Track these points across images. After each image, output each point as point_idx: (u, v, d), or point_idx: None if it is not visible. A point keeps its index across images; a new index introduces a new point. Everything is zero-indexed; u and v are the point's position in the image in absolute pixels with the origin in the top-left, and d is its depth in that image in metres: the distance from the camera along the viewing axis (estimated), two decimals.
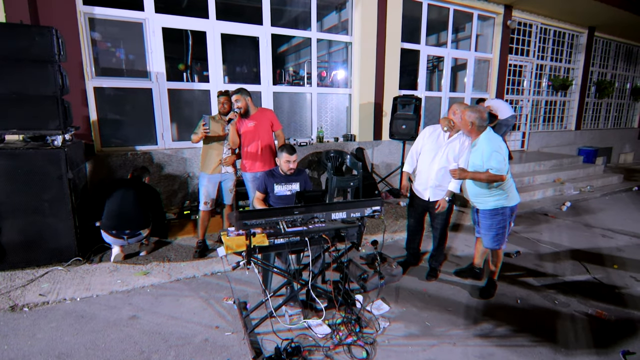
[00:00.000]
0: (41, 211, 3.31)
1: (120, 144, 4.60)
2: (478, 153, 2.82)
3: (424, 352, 2.39)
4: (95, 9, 4.19)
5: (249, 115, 3.72)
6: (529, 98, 8.59)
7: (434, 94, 7.17)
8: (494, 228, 2.98)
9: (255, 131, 3.71)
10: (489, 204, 2.96)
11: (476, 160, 2.84)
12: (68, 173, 3.32)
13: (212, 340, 2.45)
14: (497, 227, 2.97)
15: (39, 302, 2.83)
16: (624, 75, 10.93)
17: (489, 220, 2.99)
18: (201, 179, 3.81)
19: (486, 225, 3.03)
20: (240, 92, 3.67)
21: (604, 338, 2.59)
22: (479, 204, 3.05)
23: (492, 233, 3.00)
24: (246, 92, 3.70)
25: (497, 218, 2.95)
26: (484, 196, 2.97)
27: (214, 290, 3.11)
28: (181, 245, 4.03)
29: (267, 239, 2.30)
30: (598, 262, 3.86)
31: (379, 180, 6.23)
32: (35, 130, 3.30)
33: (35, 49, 3.13)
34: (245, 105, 3.65)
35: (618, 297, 3.15)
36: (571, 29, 8.79)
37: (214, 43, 4.88)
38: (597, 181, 7.38)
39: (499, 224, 2.96)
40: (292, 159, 3.17)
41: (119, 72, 4.63)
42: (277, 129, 3.86)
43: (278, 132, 3.88)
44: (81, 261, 3.49)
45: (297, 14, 6.00)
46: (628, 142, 11.28)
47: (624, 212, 5.83)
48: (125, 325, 2.60)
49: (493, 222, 2.97)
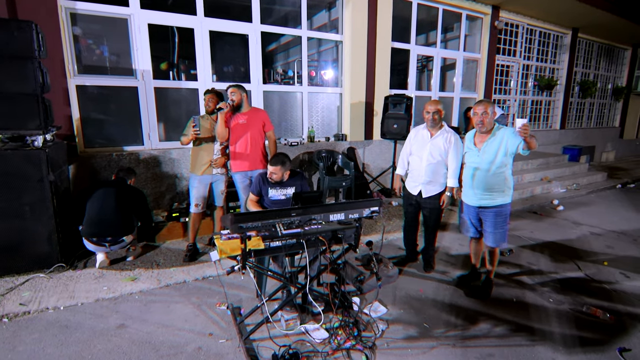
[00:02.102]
0: (21, 215, 3.14)
1: (104, 144, 4.43)
2: (497, 140, 2.86)
3: (424, 355, 2.35)
4: (77, 4, 4.02)
5: (241, 111, 3.64)
6: (516, 98, 8.72)
7: (423, 93, 7.19)
8: (503, 225, 2.98)
9: (245, 128, 3.62)
10: (499, 199, 2.92)
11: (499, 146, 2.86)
12: (49, 175, 3.16)
13: (205, 349, 2.35)
14: (505, 223, 2.98)
15: (20, 311, 2.68)
16: (606, 76, 11.22)
17: (497, 217, 2.95)
18: (191, 180, 3.70)
19: (495, 223, 2.97)
20: (238, 86, 3.63)
21: (599, 335, 2.60)
22: (489, 200, 2.95)
23: (501, 230, 2.98)
24: (243, 89, 3.66)
25: (505, 214, 2.97)
26: (497, 190, 2.92)
27: (206, 296, 3.00)
28: (170, 249, 3.90)
29: (262, 242, 2.22)
30: (589, 259, 3.91)
31: (371, 180, 6.20)
32: (14, 130, 3.12)
33: (14, 44, 2.97)
34: (239, 100, 3.59)
35: (610, 294, 3.18)
36: (556, 29, 8.96)
37: (202, 40, 4.75)
38: (583, 179, 7.52)
39: (506, 220, 2.99)
40: (272, 170, 2.99)
41: (103, 69, 4.46)
42: (269, 130, 3.77)
43: (269, 134, 3.79)
44: (64, 267, 3.33)
45: (287, 12, 5.91)
46: (610, 141, 11.58)
47: (610, 209, 5.95)
48: (113, 335, 2.48)
49: (501, 219, 2.96)
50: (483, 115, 2.83)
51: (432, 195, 3.31)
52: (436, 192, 3.30)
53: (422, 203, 3.39)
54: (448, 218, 5.16)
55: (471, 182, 3.01)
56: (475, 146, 2.98)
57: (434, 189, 3.29)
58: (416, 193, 3.37)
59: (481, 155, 2.92)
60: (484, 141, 2.92)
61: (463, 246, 4.15)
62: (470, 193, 3.05)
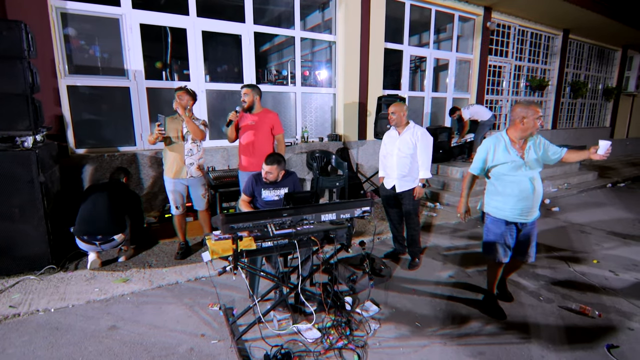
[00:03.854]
0: (10, 217, 3.11)
1: (96, 144, 4.40)
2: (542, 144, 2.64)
3: (415, 354, 2.37)
4: (67, 4, 3.99)
5: (253, 112, 3.68)
6: (508, 98, 8.80)
7: (417, 93, 7.23)
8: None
9: (253, 129, 3.65)
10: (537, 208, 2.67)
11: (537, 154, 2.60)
12: (40, 176, 3.14)
13: (197, 350, 2.35)
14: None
15: (9, 314, 2.65)
16: (597, 77, 11.36)
17: (535, 228, 2.72)
18: (166, 183, 3.60)
19: (534, 235, 2.73)
20: (251, 87, 3.66)
21: (588, 333, 2.63)
22: (534, 213, 2.66)
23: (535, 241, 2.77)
24: (257, 90, 3.69)
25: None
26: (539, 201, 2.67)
27: (198, 297, 3.00)
28: (162, 250, 3.88)
29: (254, 242, 2.22)
30: (579, 258, 3.96)
31: (364, 180, 6.23)
32: (3, 131, 3.09)
33: (3, 44, 2.94)
34: (251, 101, 3.62)
35: (599, 292, 3.23)
36: (547, 31, 9.06)
37: (194, 41, 4.74)
38: (574, 178, 7.61)
39: None
40: (267, 169, 2.98)
41: (95, 70, 4.43)
42: (278, 133, 3.78)
43: (279, 137, 3.80)
44: (55, 269, 3.31)
45: (280, 12, 5.91)
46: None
47: (600, 208, 6.02)
48: (105, 337, 2.46)
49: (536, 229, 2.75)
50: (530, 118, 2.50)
51: (406, 190, 3.47)
52: (410, 187, 3.46)
53: (398, 198, 3.55)
54: (442, 218, 5.20)
55: (518, 194, 2.58)
56: (517, 154, 2.56)
57: (407, 184, 3.46)
58: (390, 187, 3.54)
59: (527, 163, 2.56)
60: (524, 148, 2.57)
61: (454, 245, 4.18)
62: (512, 207, 2.60)
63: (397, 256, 3.81)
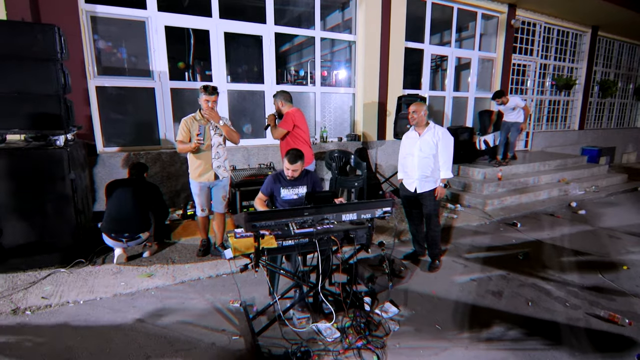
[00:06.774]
0: (43, 212, 3.25)
1: (122, 143, 4.55)
2: None
3: (436, 356, 2.34)
4: (97, 7, 4.14)
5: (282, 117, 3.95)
6: (533, 98, 8.54)
7: (438, 93, 7.12)
8: None
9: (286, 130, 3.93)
10: None
11: None
12: (70, 173, 3.27)
13: (219, 345, 2.40)
14: None
15: (42, 305, 2.78)
16: (627, 75, 10.89)
17: None
18: (192, 187, 3.58)
19: None
20: (274, 96, 3.98)
21: (617, 341, 2.54)
22: None
23: None
24: (278, 97, 3.94)
25: None
26: None
27: (219, 293, 3.05)
28: (185, 246, 3.97)
29: (275, 240, 2.25)
30: (607, 263, 3.81)
31: (383, 180, 6.18)
32: (37, 130, 3.24)
33: (37, 47, 3.07)
34: (278, 109, 3.93)
35: (629, 299, 3.10)
36: (575, 28, 8.74)
37: (217, 42, 4.83)
38: (602, 181, 7.33)
39: None
40: (291, 167, 3.00)
41: (121, 71, 4.58)
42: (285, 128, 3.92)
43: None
44: (84, 263, 3.44)
45: (301, 13, 5.94)
46: (631, 142, 11.24)
47: (630, 212, 5.78)
48: (130, 329, 2.55)
49: None
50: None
51: (427, 191, 3.45)
52: (431, 188, 3.44)
53: (419, 199, 3.53)
54: (463, 220, 5.11)
55: None
56: None
57: (428, 184, 3.44)
58: (412, 189, 3.51)
59: None
60: None
61: (476, 247, 4.10)
62: None
63: (417, 258, 3.77)
